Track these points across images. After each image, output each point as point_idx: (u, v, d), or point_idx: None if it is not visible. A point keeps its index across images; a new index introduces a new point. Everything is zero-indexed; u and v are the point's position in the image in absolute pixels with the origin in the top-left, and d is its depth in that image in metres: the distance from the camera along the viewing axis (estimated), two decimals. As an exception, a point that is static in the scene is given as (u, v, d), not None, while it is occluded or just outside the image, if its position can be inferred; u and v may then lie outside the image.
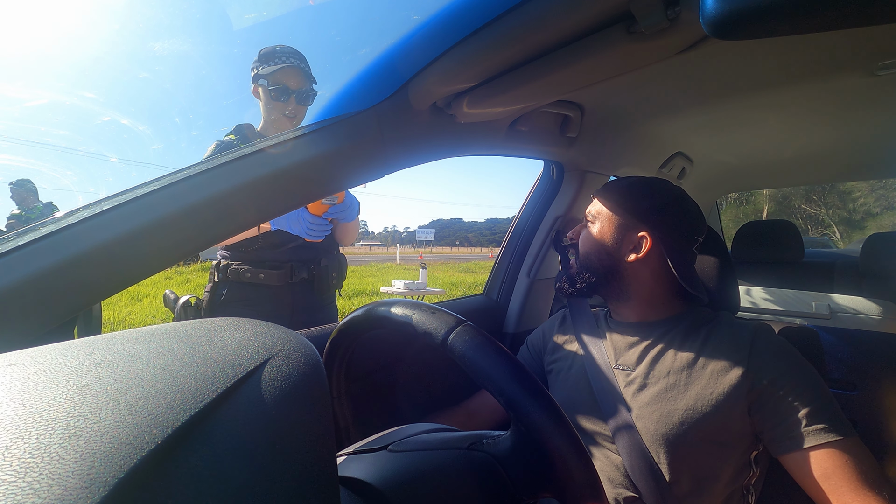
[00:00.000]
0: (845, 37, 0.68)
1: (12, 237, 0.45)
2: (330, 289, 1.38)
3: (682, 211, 0.80)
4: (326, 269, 1.34)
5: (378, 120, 0.63)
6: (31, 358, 0.23)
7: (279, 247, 1.28)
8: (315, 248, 1.33)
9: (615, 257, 0.80)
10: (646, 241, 0.78)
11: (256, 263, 1.26)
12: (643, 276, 0.79)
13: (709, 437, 0.68)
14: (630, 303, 0.81)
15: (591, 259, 0.82)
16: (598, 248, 0.81)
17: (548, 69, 0.61)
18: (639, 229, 0.79)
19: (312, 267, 1.31)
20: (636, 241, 0.79)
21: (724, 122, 1.16)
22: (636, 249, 0.79)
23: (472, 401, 0.94)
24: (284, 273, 1.26)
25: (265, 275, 1.25)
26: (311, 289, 1.32)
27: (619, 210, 0.81)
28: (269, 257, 1.27)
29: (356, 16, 21.18)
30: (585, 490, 0.34)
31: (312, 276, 1.31)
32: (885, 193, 21.06)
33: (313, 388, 0.24)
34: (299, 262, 1.29)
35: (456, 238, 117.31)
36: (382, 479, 0.35)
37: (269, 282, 1.25)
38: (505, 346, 0.38)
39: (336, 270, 1.37)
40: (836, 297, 1.49)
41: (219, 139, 1.28)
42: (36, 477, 0.16)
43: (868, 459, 0.60)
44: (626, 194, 0.82)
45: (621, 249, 0.79)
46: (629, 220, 0.80)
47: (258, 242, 1.25)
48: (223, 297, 1.26)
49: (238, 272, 1.25)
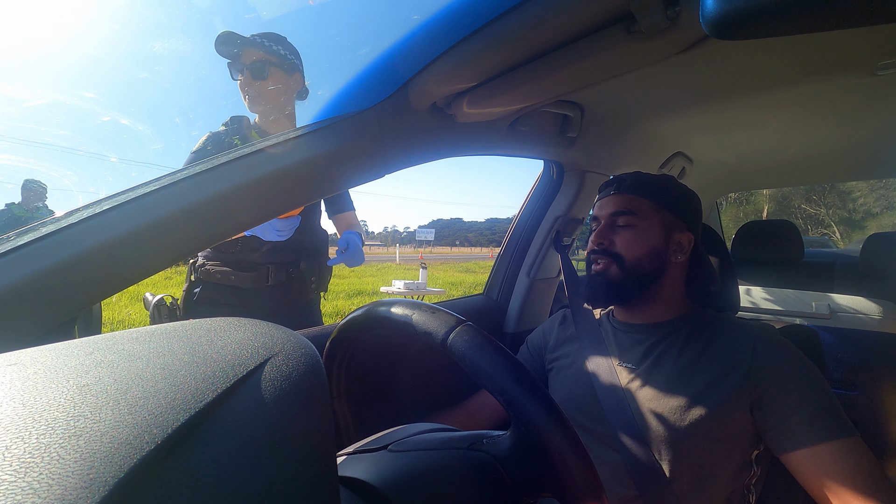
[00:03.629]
0: (845, 37, 0.68)
1: (12, 237, 0.45)
2: (309, 292, 1.34)
3: (700, 208, 0.80)
4: (305, 273, 1.30)
5: (378, 120, 0.63)
6: (31, 358, 0.23)
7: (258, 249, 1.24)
8: (295, 251, 1.29)
9: (664, 260, 0.77)
10: (688, 242, 0.77)
11: (231, 265, 1.23)
12: (676, 277, 0.79)
13: (710, 436, 0.68)
14: (653, 305, 0.80)
15: (643, 262, 0.76)
16: (650, 250, 0.77)
17: (548, 69, 0.61)
18: (682, 230, 0.78)
19: (291, 270, 1.27)
20: (682, 242, 0.78)
21: (724, 122, 1.16)
22: (681, 251, 0.77)
23: (472, 401, 0.94)
24: (259, 276, 1.23)
25: (237, 277, 1.22)
26: (289, 293, 1.28)
27: (660, 209, 0.78)
28: (245, 259, 1.23)
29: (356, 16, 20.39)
30: (586, 490, 0.34)
31: (291, 279, 1.27)
32: (885, 193, 21.06)
33: (313, 388, 0.24)
34: (277, 265, 1.25)
35: (456, 238, 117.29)
36: (382, 479, 0.35)
37: (241, 284, 1.22)
38: (505, 346, 0.38)
39: (316, 274, 1.33)
40: (836, 297, 1.49)
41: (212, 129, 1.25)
42: (36, 477, 0.16)
43: (869, 459, 0.60)
44: (664, 193, 0.79)
45: (668, 250, 0.77)
46: (673, 219, 0.78)
47: (238, 245, 1.22)
48: (196, 298, 1.23)
49: (210, 272, 1.22)
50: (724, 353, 0.71)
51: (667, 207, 0.78)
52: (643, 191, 0.79)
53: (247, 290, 1.23)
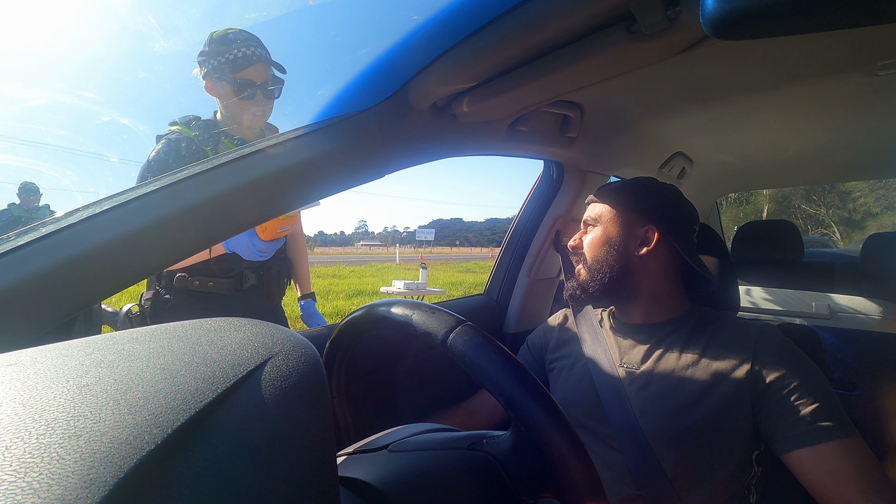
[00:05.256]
0: (845, 37, 0.68)
1: (12, 237, 0.45)
2: (282, 293, 1.35)
3: (677, 201, 0.83)
4: (277, 275, 1.31)
5: (378, 120, 0.63)
6: (31, 358, 0.23)
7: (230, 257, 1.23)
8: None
9: (625, 254, 0.80)
10: (653, 233, 0.79)
11: (204, 272, 1.21)
12: (653, 270, 0.80)
13: (712, 436, 0.68)
14: (639, 301, 0.81)
15: (602, 260, 0.81)
16: (607, 247, 0.81)
17: (548, 69, 0.61)
18: (643, 223, 0.80)
19: (262, 273, 1.27)
20: (643, 235, 0.80)
21: (724, 122, 1.16)
22: (645, 242, 0.80)
23: (472, 401, 0.94)
24: (234, 281, 1.23)
25: (214, 283, 1.21)
26: (261, 295, 1.29)
27: (620, 208, 0.82)
28: (218, 266, 1.22)
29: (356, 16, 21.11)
30: (586, 490, 0.34)
31: (262, 282, 1.28)
32: (885, 193, 21.06)
33: (313, 388, 0.24)
34: (249, 270, 1.25)
35: (456, 238, 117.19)
36: (382, 479, 0.35)
37: (219, 290, 1.21)
38: (505, 346, 0.38)
39: (286, 275, 1.35)
40: (836, 297, 1.49)
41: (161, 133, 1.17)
42: (36, 477, 0.16)
43: (870, 459, 0.60)
44: (622, 194, 0.83)
45: (630, 245, 0.80)
46: (632, 216, 0.81)
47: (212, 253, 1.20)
48: (168, 305, 1.21)
49: (185, 280, 1.20)
50: (725, 353, 0.71)
51: (626, 207, 0.82)
52: (604, 197, 0.85)
53: (221, 295, 1.22)
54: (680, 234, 0.80)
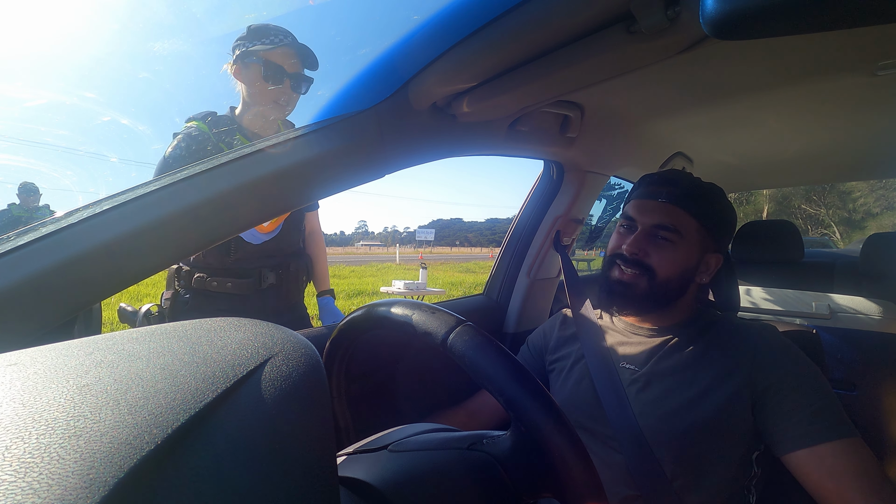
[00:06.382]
0: (845, 37, 0.68)
1: (12, 237, 0.45)
2: (300, 291, 1.36)
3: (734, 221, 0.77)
4: (296, 273, 1.32)
5: (378, 120, 0.63)
6: (31, 358, 0.23)
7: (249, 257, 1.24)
8: (283, 254, 1.30)
9: (690, 279, 0.75)
10: (716, 263, 0.76)
11: (223, 272, 1.22)
12: (693, 292, 0.78)
13: (712, 437, 0.68)
14: (666, 313, 0.79)
15: (673, 281, 0.74)
16: (683, 270, 0.74)
17: (548, 69, 0.61)
18: (713, 250, 0.76)
19: (281, 272, 1.28)
20: (711, 263, 0.76)
21: (724, 122, 1.16)
22: (707, 271, 0.76)
23: (472, 401, 0.94)
24: (253, 281, 1.24)
25: (233, 283, 1.21)
26: (279, 294, 1.29)
27: (700, 227, 0.74)
28: (237, 266, 1.23)
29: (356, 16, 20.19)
30: (586, 490, 0.34)
31: (281, 280, 1.28)
32: (885, 193, 21.06)
33: (313, 388, 0.24)
34: (267, 269, 1.26)
35: (456, 238, 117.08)
36: (382, 479, 0.35)
37: (237, 290, 1.22)
38: (505, 346, 0.38)
39: (305, 273, 1.36)
40: (836, 297, 1.48)
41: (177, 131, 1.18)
42: (36, 477, 0.16)
43: (870, 459, 0.60)
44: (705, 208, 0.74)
45: (698, 270, 0.75)
46: (707, 240, 0.75)
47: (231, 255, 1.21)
48: (188, 306, 1.22)
49: (204, 281, 1.20)
50: (726, 353, 0.71)
51: (707, 228, 0.75)
52: (693, 207, 0.74)
53: (240, 295, 1.23)
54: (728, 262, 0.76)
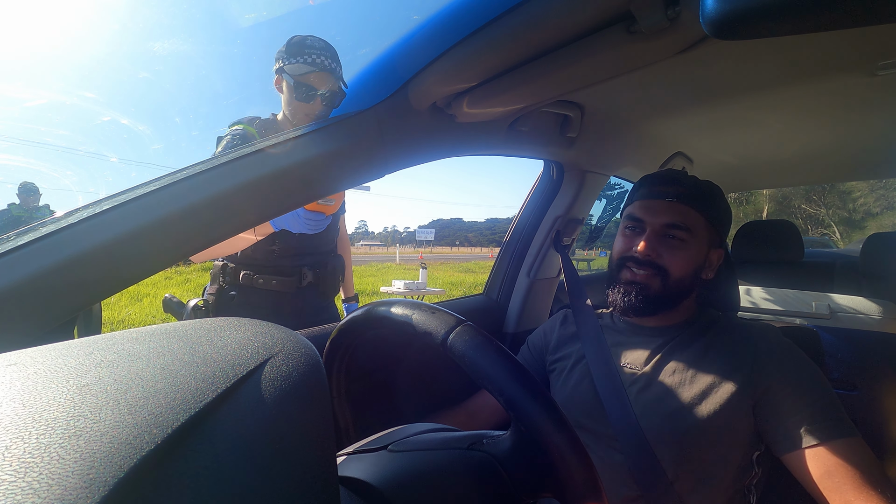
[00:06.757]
0: (845, 37, 0.68)
1: (12, 237, 0.45)
2: (336, 290, 1.43)
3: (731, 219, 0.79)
4: (333, 272, 1.38)
5: (378, 120, 0.63)
6: (31, 358, 0.23)
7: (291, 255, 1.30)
8: (321, 252, 1.37)
9: (698, 276, 0.76)
10: (718, 259, 0.76)
11: (268, 270, 1.28)
12: (696, 290, 0.78)
13: (712, 437, 0.68)
14: (667, 312, 0.79)
15: (685, 280, 0.74)
16: (694, 268, 0.74)
17: (548, 69, 0.61)
18: (717, 246, 0.76)
19: (319, 270, 1.35)
20: (714, 258, 0.76)
21: (724, 122, 1.16)
22: (711, 267, 0.76)
23: (472, 401, 0.94)
24: (295, 279, 1.30)
25: (277, 281, 1.28)
26: (317, 292, 1.36)
27: (707, 225, 0.75)
28: (281, 263, 1.29)
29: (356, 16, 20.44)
30: (586, 490, 0.34)
31: (319, 279, 1.35)
32: (885, 193, 21.05)
33: (313, 388, 0.24)
34: (307, 267, 1.33)
35: (456, 238, 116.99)
36: (382, 479, 0.35)
37: (281, 288, 1.28)
38: (505, 346, 0.38)
39: (341, 273, 1.43)
40: (836, 297, 1.48)
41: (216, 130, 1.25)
42: (36, 477, 0.16)
43: (870, 459, 0.60)
44: (710, 205, 0.75)
45: (704, 266, 0.76)
46: (713, 236, 0.76)
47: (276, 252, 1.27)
48: (234, 301, 1.28)
49: (250, 277, 1.27)
50: (726, 354, 0.71)
51: (713, 224, 0.76)
52: (700, 204, 0.75)
53: (282, 292, 1.29)
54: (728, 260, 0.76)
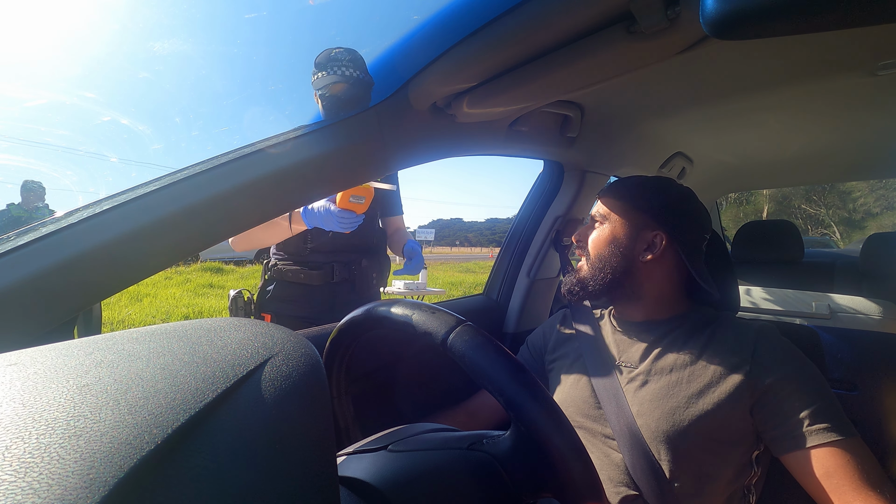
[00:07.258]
0: (845, 37, 0.68)
1: (12, 237, 0.45)
2: (371, 288, 1.44)
3: (693, 209, 0.80)
4: (367, 270, 1.40)
5: (378, 120, 0.63)
6: (31, 358, 0.23)
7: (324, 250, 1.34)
8: (357, 250, 1.38)
9: (629, 257, 0.78)
10: (661, 240, 0.77)
11: (302, 263, 1.33)
12: (656, 276, 0.79)
13: (710, 436, 0.68)
14: (640, 302, 0.81)
15: (605, 260, 0.80)
16: (612, 248, 0.79)
17: (548, 69, 0.61)
18: (652, 228, 0.78)
19: (353, 267, 1.37)
20: (650, 241, 0.78)
21: (724, 122, 1.16)
22: (651, 249, 0.78)
23: (472, 401, 0.94)
24: (325, 273, 1.33)
25: (306, 275, 1.32)
26: (353, 288, 1.38)
27: (630, 209, 0.80)
28: (313, 258, 1.34)
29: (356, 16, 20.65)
30: (585, 490, 0.34)
31: (353, 276, 1.37)
32: (885, 193, 21.06)
33: (313, 388, 0.24)
34: (340, 264, 1.35)
35: (456, 238, 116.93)
36: (382, 479, 0.35)
37: (310, 281, 1.32)
38: (505, 346, 0.38)
39: (377, 271, 1.43)
40: (836, 297, 1.48)
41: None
42: (36, 477, 0.16)
43: (869, 459, 0.60)
44: (636, 193, 0.81)
45: (635, 249, 0.78)
46: (642, 218, 0.79)
47: (308, 246, 1.31)
48: (270, 295, 1.35)
49: (283, 271, 1.33)
50: (725, 353, 0.71)
51: (638, 208, 0.79)
52: (620, 191, 0.82)
53: (314, 287, 1.33)
54: (689, 243, 0.78)
